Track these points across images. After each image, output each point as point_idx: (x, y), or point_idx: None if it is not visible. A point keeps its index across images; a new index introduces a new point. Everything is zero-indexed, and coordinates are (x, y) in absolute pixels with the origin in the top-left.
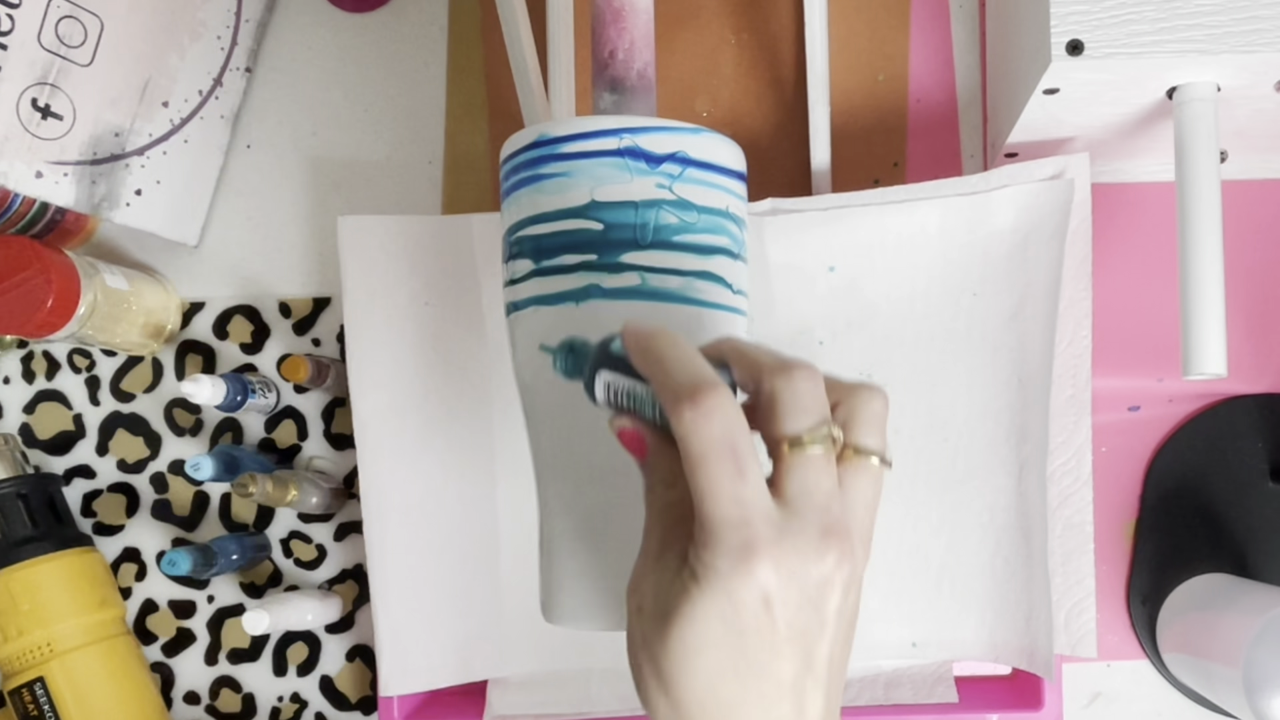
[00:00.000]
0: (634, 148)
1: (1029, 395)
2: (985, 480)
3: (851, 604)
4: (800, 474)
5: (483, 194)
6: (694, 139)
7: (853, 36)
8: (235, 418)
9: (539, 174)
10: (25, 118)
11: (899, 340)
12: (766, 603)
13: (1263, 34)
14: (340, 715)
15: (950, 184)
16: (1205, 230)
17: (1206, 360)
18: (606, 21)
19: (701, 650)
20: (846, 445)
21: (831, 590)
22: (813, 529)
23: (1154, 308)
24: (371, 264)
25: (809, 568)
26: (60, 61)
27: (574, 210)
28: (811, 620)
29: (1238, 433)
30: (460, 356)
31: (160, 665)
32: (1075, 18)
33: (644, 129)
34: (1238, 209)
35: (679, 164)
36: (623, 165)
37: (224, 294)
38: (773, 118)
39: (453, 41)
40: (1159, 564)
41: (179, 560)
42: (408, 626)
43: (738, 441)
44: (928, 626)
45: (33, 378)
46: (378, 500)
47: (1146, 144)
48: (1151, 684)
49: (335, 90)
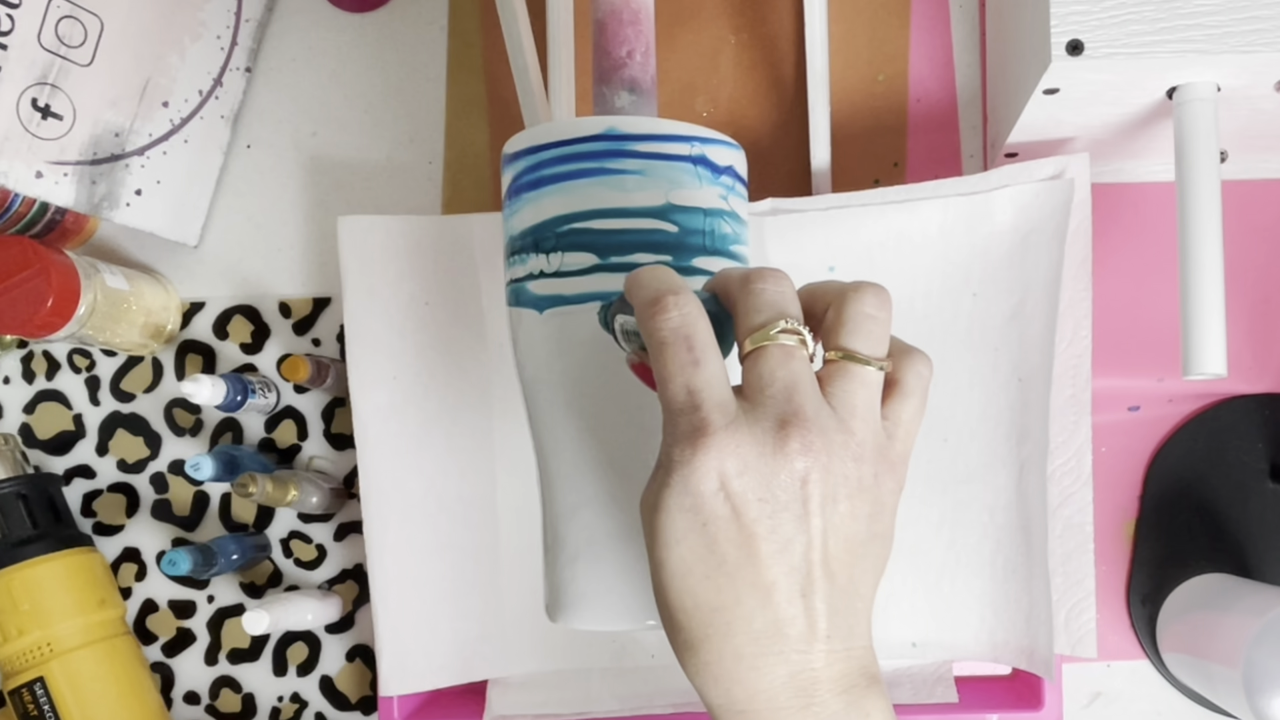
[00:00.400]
0: (703, 156)
1: (1029, 395)
2: (985, 480)
3: (857, 508)
4: (754, 366)
5: (483, 194)
6: (740, 156)
7: (853, 36)
8: (235, 418)
9: (608, 168)
10: (25, 118)
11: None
12: (726, 492)
13: (1263, 34)
14: (340, 715)
15: (950, 184)
16: (1205, 230)
17: (1206, 360)
18: (625, 21)
19: (672, 545)
20: (830, 348)
21: (807, 484)
22: (768, 419)
23: (1154, 308)
24: (371, 264)
25: (767, 459)
26: (60, 61)
27: (652, 210)
28: (785, 517)
29: (1238, 433)
30: (460, 356)
31: (160, 665)
32: (1075, 18)
33: (710, 140)
34: (1238, 209)
35: (732, 178)
36: (694, 172)
37: (224, 294)
38: (773, 118)
39: (453, 41)
40: (1159, 564)
41: (179, 560)
42: (408, 626)
43: (694, 333)
44: (928, 626)
45: (33, 378)
46: (378, 500)
47: (1146, 144)
48: (1151, 684)
49: (335, 90)
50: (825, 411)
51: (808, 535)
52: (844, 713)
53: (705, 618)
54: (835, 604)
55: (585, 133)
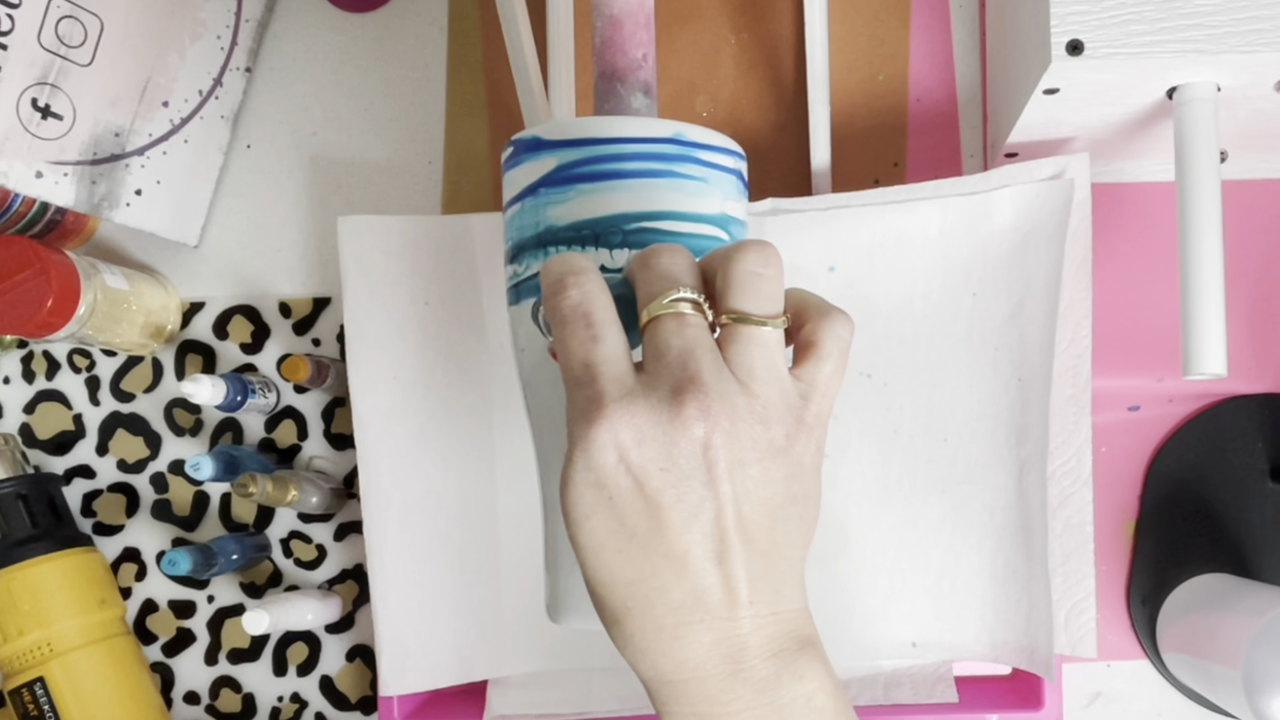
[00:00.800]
0: (741, 173)
1: (1029, 395)
2: (985, 480)
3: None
4: (651, 337)
5: (483, 194)
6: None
7: (853, 36)
8: (235, 418)
9: (676, 171)
10: (25, 118)
11: (899, 340)
12: (625, 464)
13: (1263, 34)
14: (340, 715)
15: (950, 184)
16: (1205, 230)
17: (1206, 360)
18: (640, 24)
19: (583, 521)
20: (720, 312)
21: (709, 450)
22: (664, 387)
23: (1154, 308)
24: (371, 264)
25: (664, 426)
26: (60, 61)
27: (710, 218)
28: (690, 484)
29: (1238, 433)
30: (460, 356)
31: (160, 665)
32: (1075, 18)
33: (742, 156)
34: (1238, 209)
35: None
36: (738, 185)
37: (224, 294)
38: (773, 118)
39: (453, 41)
40: (1159, 564)
41: (179, 560)
42: (408, 626)
43: (592, 310)
44: (928, 626)
45: (33, 378)
46: (378, 500)
47: (1146, 144)
48: (1151, 684)
49: (335, 90)
50: (724, 375)
51: (717, 501)
52: (775, 676)
53: (623, 591)
54: (756, 569)
55: (656, 134)
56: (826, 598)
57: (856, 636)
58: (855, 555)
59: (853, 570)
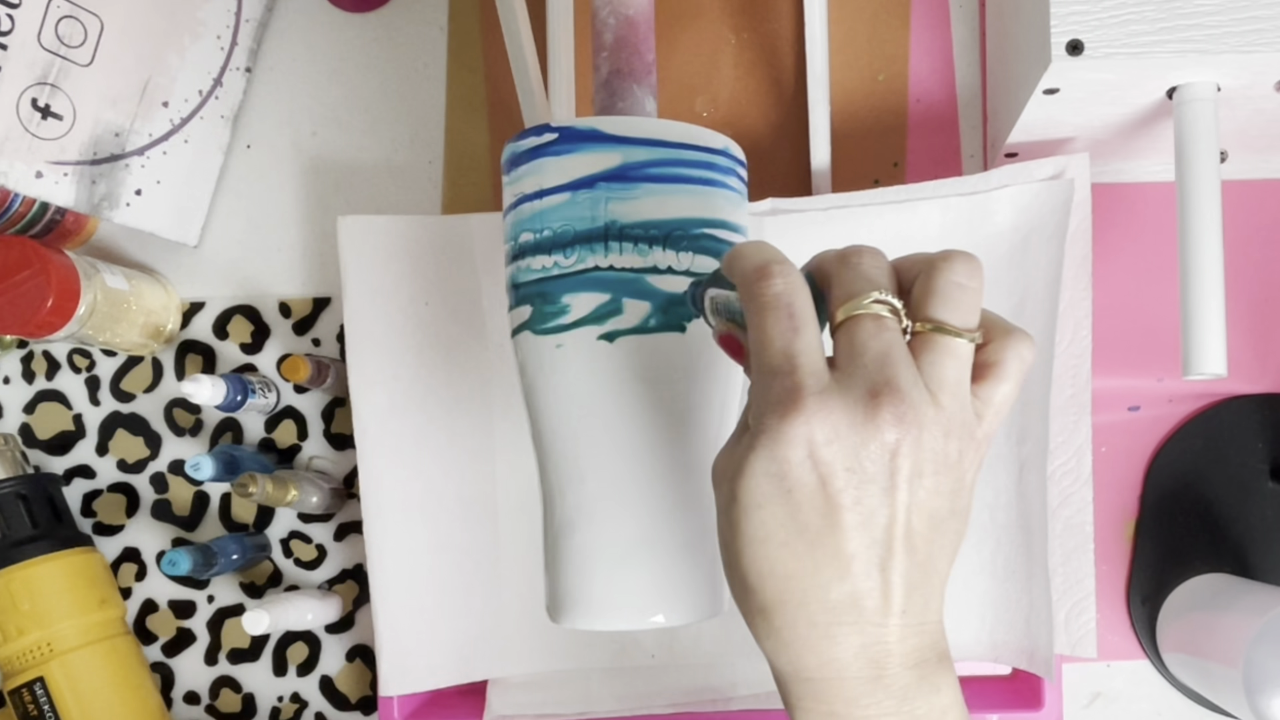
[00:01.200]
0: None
1: (1029, 395)
2: (985, 480)
3: (941, 483)
4: (846, 338)
5: (483, 194)
6: None
7: (853, 36)
8: (235, 418)
9: (728, 184)
10: (25, 118)
11: None
12: (813, 459)
13: (1263, 34)
14: (340, 715)
15: (950, 184)
16: (1205, 230)
17: (1206, 360)
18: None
19: (753, 510)
20: (919, 319)
21: (896, 457)
22: (859, 388)
23: (1154, 308)
24: (371, 264)
25: (856, 428)
26: (60, 61)
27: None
28: (869, 488)
29: (1238, 433)
30: (460, 356)
31: (160, 665)
32: (1075, 18)
33: None
34: (1238, 209)
35: None
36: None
37: (224, 294)
38: (773, 118)
39: (453, 41)
40: (1159, 564)
41: (179, 560)
42: (408, 626)
43: (795, 301)
44: None
45: (33, 378)
46: (378, 500)
47: (1146, 144)
48: (1151, 684)
49: (335, 90)
50: (918, 384)
51: (891, 508)
52: (915, 685)
53: (780, 585)
54: (913, 579)
55: (712, 145)
56: None
57: None
58: None
59: None
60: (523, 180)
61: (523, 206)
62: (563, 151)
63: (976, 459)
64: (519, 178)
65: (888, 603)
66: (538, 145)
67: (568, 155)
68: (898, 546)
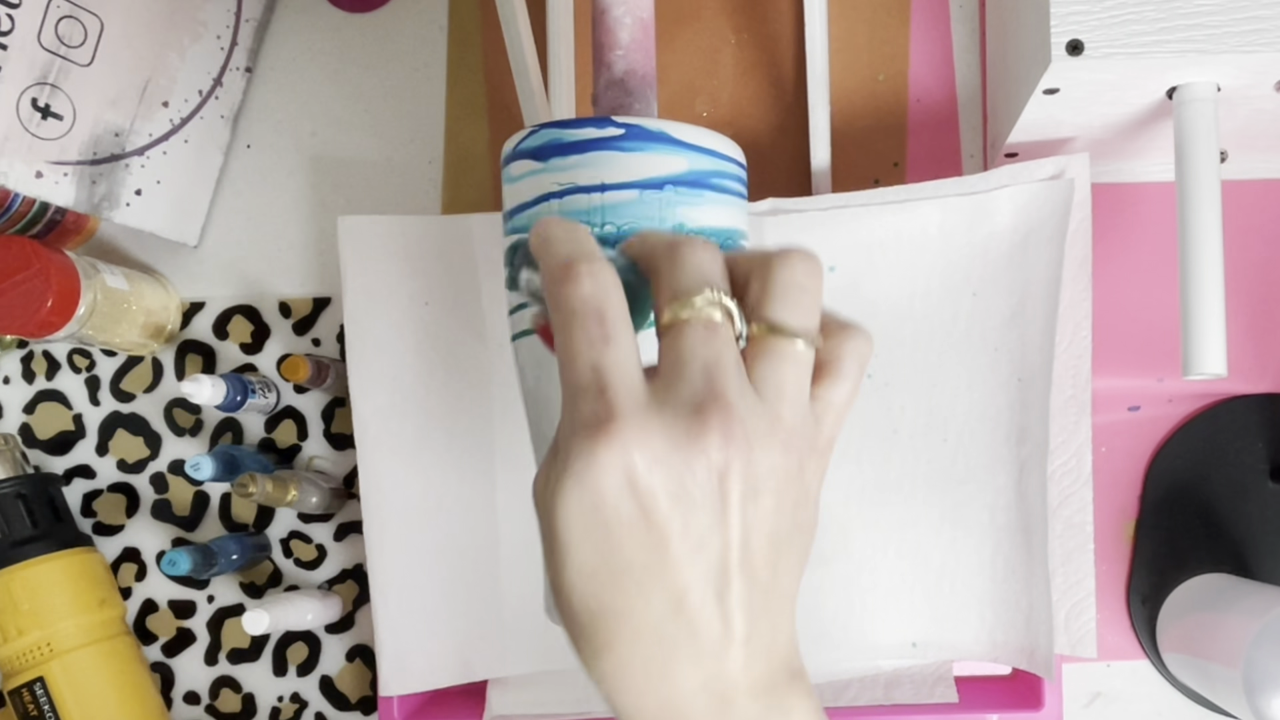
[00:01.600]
0: None
1: (1029, 395)
2: (985, 480)
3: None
4: (672, 343)
5: (483, 194)
6: None
7: (853, 36)
8: (235, 418)
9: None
10: (25, 118)
11: (899, 340)
12: (632, 488)
13: (1263, 34)
14: (340, 715)
15: (950, 184)
16: (1205, 230)
17: (1206, 360)
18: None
19: (572, 548)
20: (754, 322)
21: (726, 478)
22: (684, 405)
23: (1154, 308)
24: (371, 264)
25: (679, 449)
26: (60, 61)
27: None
28: (698, 515)
29: (1238, 433)
30: (460, 356)
31: (160, 665)
32: (1075, 18)
33: None
34: (1238, 209)
35: None
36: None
37: (224, 294)
38: (773, 118)
39: (453, 41)
40: (1159, 564)
41: (179, 560)
42: (408, 626)
43: (607, 306)
44: (928, 626)
45: (33, 378)
46: (378, 500)
47: (1146, 144)
48: (1151, 684)
49: (335, 90)
50: (749, 394)
51: (725, 534)
52: (764, 714)
53: (610, 623)
54: (754, 605)
55: (741, 159)
56: (826, 598)
57: (856, 637)
58: (855, 555)
59: (853, 570)
60: (574, 170)
61: (576, 197)
62: (631, 149)
63: (819, 468)
64: (568, 167)
65: (729, 633)
66: (599, 138)
67: (636, 153)
68: (734, 573)
